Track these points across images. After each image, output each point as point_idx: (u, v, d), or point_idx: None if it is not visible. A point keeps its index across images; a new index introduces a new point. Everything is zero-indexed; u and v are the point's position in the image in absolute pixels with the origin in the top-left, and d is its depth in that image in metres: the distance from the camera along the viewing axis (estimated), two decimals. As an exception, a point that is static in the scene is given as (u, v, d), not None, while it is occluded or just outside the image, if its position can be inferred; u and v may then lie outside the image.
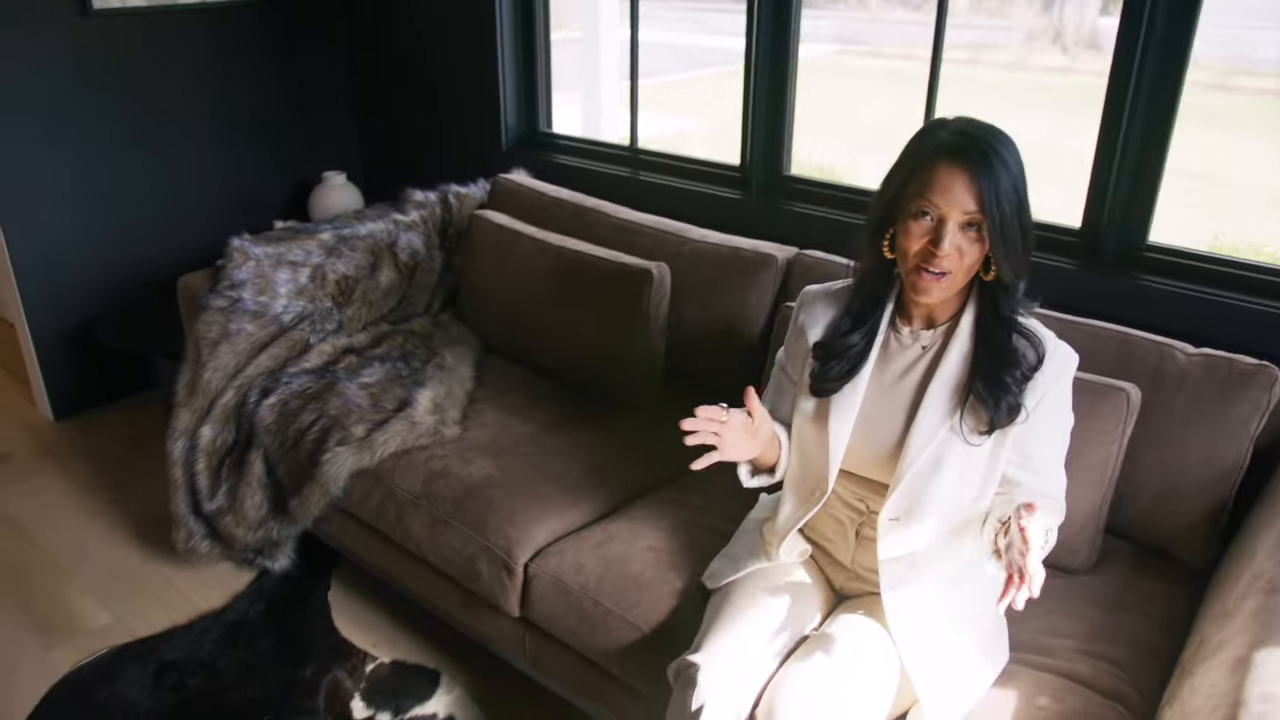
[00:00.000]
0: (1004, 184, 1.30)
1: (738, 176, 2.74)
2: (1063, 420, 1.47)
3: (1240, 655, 1.24)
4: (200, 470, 2.34)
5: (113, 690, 2.13)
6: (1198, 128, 6.70)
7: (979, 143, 1.31)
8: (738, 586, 1.56)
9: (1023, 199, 1.33)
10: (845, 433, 1.48)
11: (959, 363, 1.43)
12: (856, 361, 1.48)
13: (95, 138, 3.05)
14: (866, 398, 1.48)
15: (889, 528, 1.46)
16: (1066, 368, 1.44)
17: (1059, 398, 1.44)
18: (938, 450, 1.42)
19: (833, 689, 1.35)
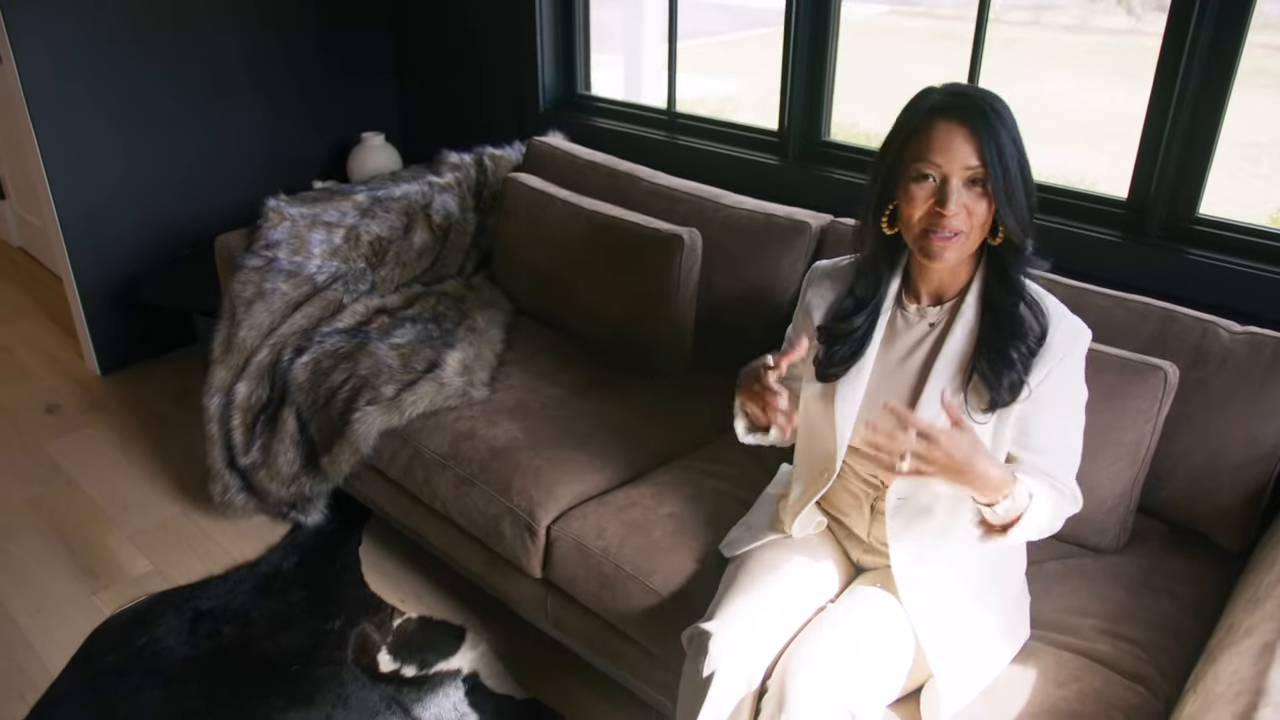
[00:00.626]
0: (1004, 138, 1.27)
1: (776, 142, 2.69)
2: (1070, 398, 1.41)
3: (1267, 642, 1.21)
4: (236, 426, 2.39)
5: (151, 636, 2.20)
6: (1266, 95, 6.44)
7: (973, 100, 1.29)
8: (754, 556, 1.56)
9: (1023, 155, 1.30)
10: (851, 414, 1.45)
11: (964, 338, 1.39)
12: (860, 345, 1.45)
13: (143, 98, 3.09)
14: (873, 377, 1.45)
15: (897, 507, 1.44)
16: (1076, 343, 1.38)
17: (1065, 374, 1.37)
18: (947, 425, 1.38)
19: (846, 662, 1.35)
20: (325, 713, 1.99)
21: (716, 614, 1.44)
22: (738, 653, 1.38)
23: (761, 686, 1.39)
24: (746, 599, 1.45)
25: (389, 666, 2.11)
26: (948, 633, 1.40)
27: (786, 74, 2.59)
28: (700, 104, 6.45)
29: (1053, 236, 2.19)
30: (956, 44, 2.25)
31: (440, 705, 2.00)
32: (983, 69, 2.29)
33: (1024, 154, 1.31)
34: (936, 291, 1.44)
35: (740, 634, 1.40)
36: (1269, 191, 5.47)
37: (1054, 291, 1.86)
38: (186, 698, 2.03)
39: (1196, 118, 2.02)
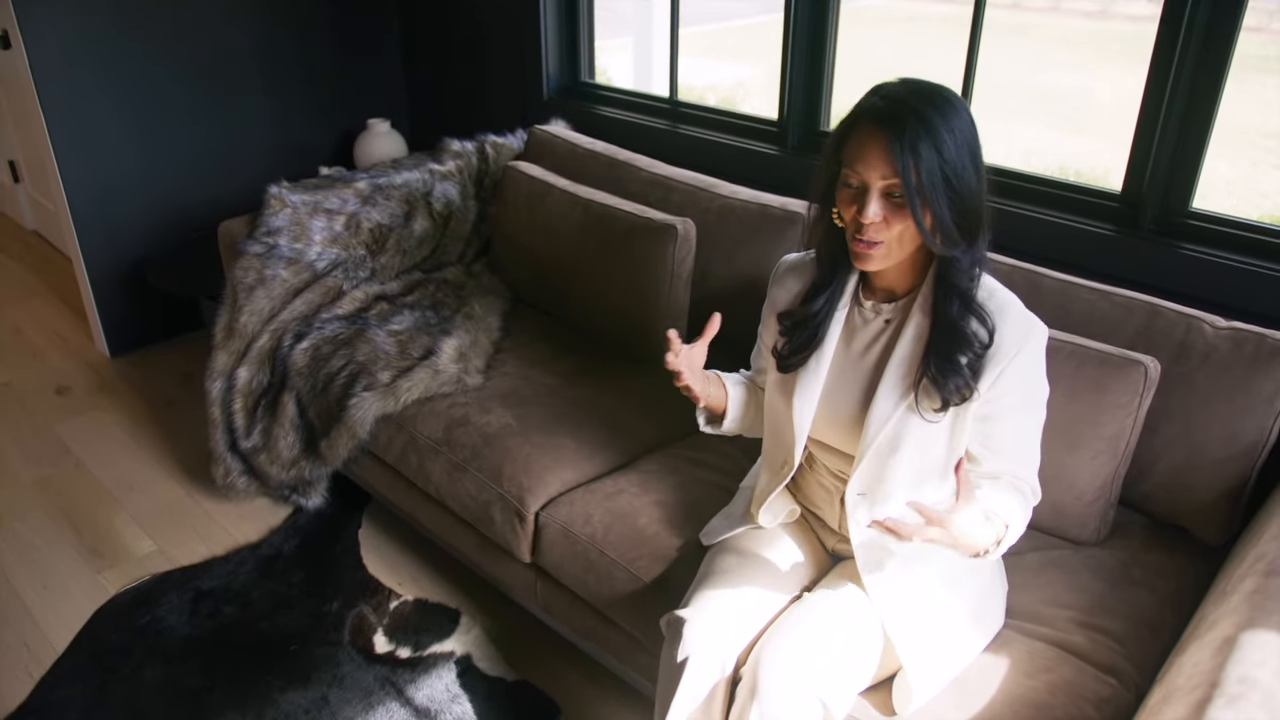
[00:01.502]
0: (923, 150, 1.22)
1: (775, 131, 2.70)
2: (1027, 395, 1.40)
3: (1228, 636, 1.23)
4: (237, 410, 2.43)
5: (154, 615, 2.25)
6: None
7: (902, 107, 1.24)
8: (730, 545, 1.59)
9: (954, 166, 1.24)
10: (809, 409, 1.47)
11: (914, 340, 1.39)
12: (816, 335, 1.46)
13: (151, 85, 3.13)
14: (831, 371, 1.47)
15: (856, 502, 1.46)
16: (1029, 341, 1.35)
17: (1020, 372, 1.36)
18: (897, 427, 1.40)
19: (818, 651, 1.37)
20: (321, 692, 2.03)
21: (692, 601, 1.47)
22: (711, 639, 1.41)
23: (735, 673, 1.42)
24: (721, 587, 1.48)
25: (384, 648, 2.16)
26: (915, 623, 1.42)
27: (786, 64, 2.60)
28: (712, 90, 6.45)
29: (1047, 229, 2.20)
30: (987, 31, 2.24)
31: (433, 686, 2.05)
32: (980, 56, 2.27)
33: (962, 163, 1.25)
34: (888, 289, 1.44)
35: (714, 621, 1.43)
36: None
37: (1041, 284, 1.89)
38: (187, 676, 2.08)
39: (1190, 113, 2.01)
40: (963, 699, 1.42)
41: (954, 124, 1.25)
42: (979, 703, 1.41)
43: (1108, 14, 8.63)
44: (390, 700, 2.01)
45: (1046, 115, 6.50)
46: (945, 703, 1.41)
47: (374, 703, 2.00)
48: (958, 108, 1.27)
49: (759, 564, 1.52)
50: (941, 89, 1.29)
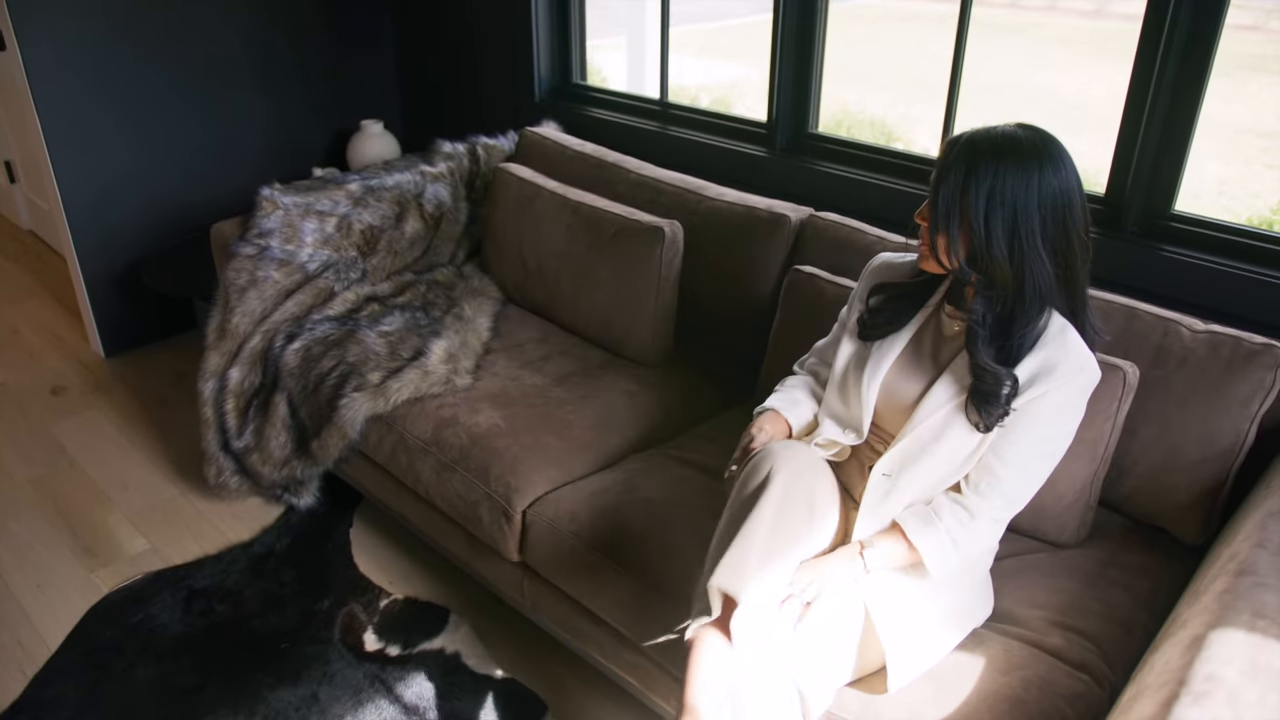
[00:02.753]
0: (951, 179, 1.36)
1: (764, 133, 2.72)
2: (1054, 427, 1.46)
3: (1197, 634, 1.24)
4: (229, 410, 2.45)
5: (146, 613, 2.27)
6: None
7: (966, 139, 1.38)
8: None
9: (976, 211, 1.35)
10: (877, 383, 1.56)
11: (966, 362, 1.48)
12: (900, 315, 1.57)
13: (146, 86, 3.15)
14: (901, 357, 1.56)
15: (879, 482, 1.52)
16: (1078, 377, 1.43)
17: (1058, 400, 1.43)
18: (944, 420, 1.47)
19: (798, 642, 1.40)
20: (311, 690, 2.06)
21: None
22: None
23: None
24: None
25: (374, 646, 2.18)
26: (899, 611, 1.45)
27: (774, 67, 2.62)
28: (706, 90, 6.46)
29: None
30: (978, 27, 2.26)
31: (422, 684, 2.07)
32: (966, 55, 2.29)
33: (991, 213, 1.35)
34: (966, 299, 1.51)
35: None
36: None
37: (1108, 312, 1.91)
38: (179, 674, 2.10)
39: (1172, 115, 2.03)
40: (940, 695, 1.44)
41: (1004, 180, 1.34)
42: (956, 699, 1.43)
43: (1103, 13, 8.64)
44: (379, 697, 2.03)
45: (1044, 115, 6.52)
46: (923, 698, 1.44)
47: (363, 700, 2.02)
48: (1027, 168, 1.35)
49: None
50: (1031, 146, 1.36)
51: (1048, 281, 1.39)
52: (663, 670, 1.74)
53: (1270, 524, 1.39)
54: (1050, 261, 1.38)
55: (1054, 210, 1.36)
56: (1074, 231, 1.39)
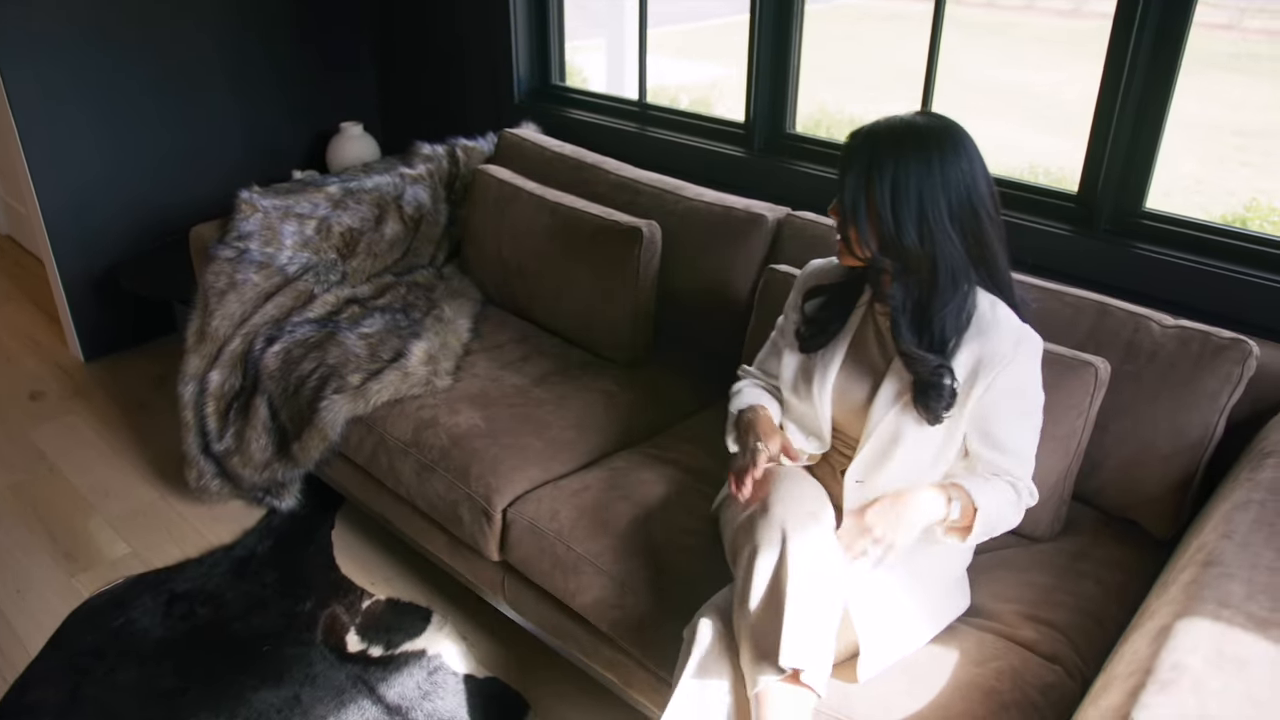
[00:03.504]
0: (855, 170, 1.40)
1: (741, 134, 2.74)
2: (1022, 401, 1.50)
3: (1164, 624, 1.27)
4: (209, 413, 2.45)
5: (128, 617, 2.26)
6: (1259, 81, 6.46)
7: (871, 136, 1.41)
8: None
9: (882, 200, 1.38)
10: (828, 390, 1.58)
11: None
12: (835, 319, 1.58)
13: (122, 89, 3.14)
14: (847, 359, 1.58)
15: (853, 488, 1.55)
16: (1020, 348, 1.46)
17: (1013, 379, 1.46)
18: (896, 422, 1.50)
19: None
20: (294, 691, 2.06)
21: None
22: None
23: None
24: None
25: (356, 647, 2.18)
26: (875, 603, 1.47)
27: (752, 68, 2.64)
28: (686, 91, 6.48)
29: (1006, 230, 2.24)
30: (953, 26, 2.29)
31: (404, 684, 2.07)
32: (940, 54, 2.31)
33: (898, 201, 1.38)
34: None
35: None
36: (1254, 180, 5.50)
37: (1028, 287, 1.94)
38: (161, 677, 2.10)
39: (1142, 114, 2.06)
40: (914, 686, 1.46)
41: (906, 169, 1.37)
42: (930, 690, 1.45)
43: (1080, 12, 8.72)
44: (362, 698, 2.03)
45: (1021, 113, 6.56)
46: (897, 689, 1.46)
47: (346, 701, 2.03)
48: (928, 157, 1.37)
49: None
50: (933, 134, 1.39)
51: (960, 261, 1.41)
52: (643, 667, 1.76)
53: (1236, 515, 1.42)
54: (961, 241, 1.41)
55: (959, 193, 1.39)
56: (982, 211, 1.41)
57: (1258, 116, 6.00)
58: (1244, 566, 1.29)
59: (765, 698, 1.35)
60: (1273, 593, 1.23)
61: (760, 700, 1.36)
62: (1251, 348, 1.71)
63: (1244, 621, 1.19)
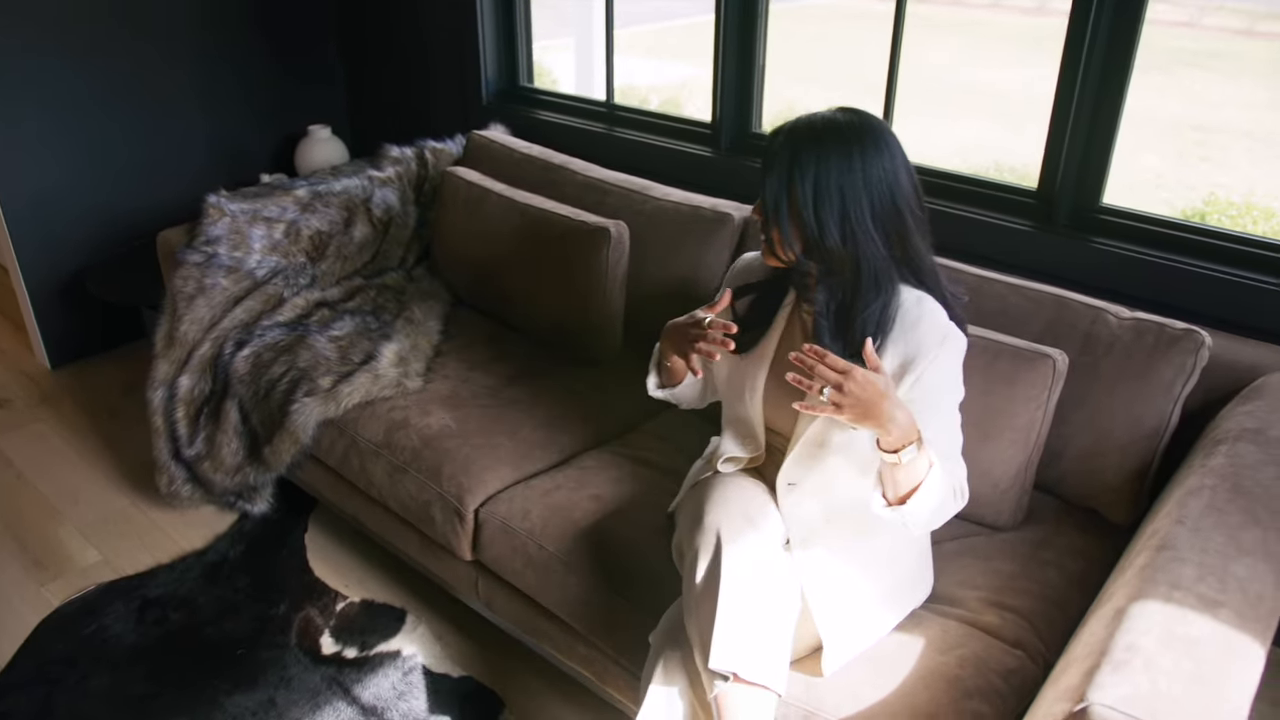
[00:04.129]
0: (777, 171, 1.38)
1: (709, 134, 2.77)
2: (944, 396, 1.49)
3: (1119, 607, 1.30)
4: (179, 418, 2.44)
5: (99, 624, 2.25)
6: (1221, 78, 6.58)
7: (790, 135, 1.40)
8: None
9: (803, 200, 1.37)
10: (759, 391, 1.59)
11: None
12: (763, 323, 1.58)
13: (84, 92, 3.12)
14: (776, 360, 1.57)
15: (786, 491, 1.55)
16: (944, 346, 1.44)
17: (937, 375, 1.45)
18: (825, 423, 1.49)
19: None
20: (268, 695, 2.06)
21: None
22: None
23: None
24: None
25: (331, 649, 2.19)
26: (835, 597, 1.50)
27: (718, 68, 2.67)
28: (656, 91, 6.50)
29: (969, 226, 2.29)
30: (920, 25, 2.33)
31: (379, 685, 2.08)
32: (903, 53, 2.34)
33: (819, 200, 1.37)
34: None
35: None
36: (1213, 174, 5.61)
37: (957, 279, 1.97)
38: (134, 683, 2.10)
39: (1098, 110, 2.11)
40: (878, 676, 1.49)
41: (827, 168, 1.36)
42: (894, 678, 1.48)
43: (1044, 10, 8.83)
44: (337, 700, 2.04)
45: (987, 111, 6.65)
46: (862, 679, 1.48)
47: (321, 703, 2.03)
48: (849, 154, 1.37)
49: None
50: (852, 130, 1.38)
51: (884, 262, 1.41)
52: (616, 663, 1.78)
53: (1189, 501, 1.46)
54: (884, 243, 1.40)
55: (881, 192, 1.38)
56: (905, 209, 1.41)
57: (1217, 112, 6.12)
58: (1195, 550, 1.33)
59: (723, 701, 1.37)
60: (1221, 574, 1.27)
61: (719, 703, 1.37)
62: (1204, 338, 1.76)
63: (1194, 602, 1.23)
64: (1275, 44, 7.14)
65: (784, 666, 1.42)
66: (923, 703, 1.44)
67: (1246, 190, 5.05)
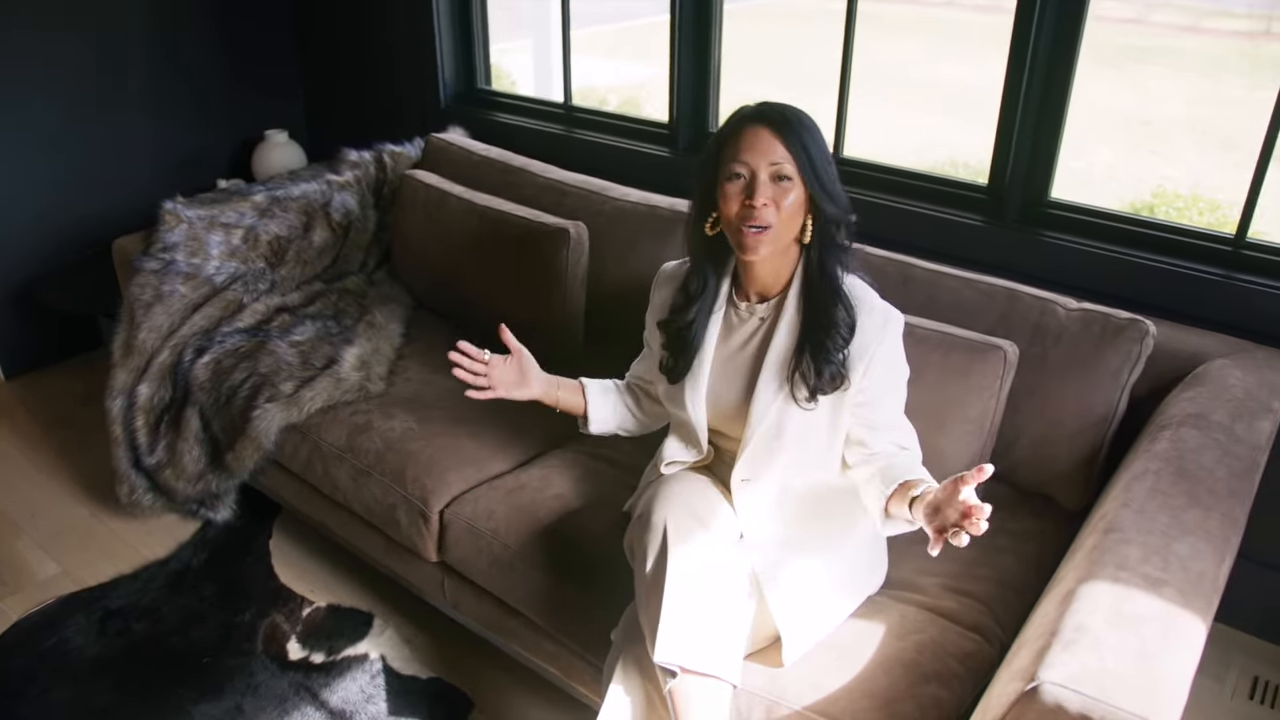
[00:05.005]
0: (806, 138, 1.44)
1: (666, 134, 2.79)
2: (896, 375, 1.56)
3: (1069, 589, 1.34)
4: (139, 427, 2.42)
5: (60, 637, 2.23)
6: (1168, 73, 6.72)
7: (777, 108, 1.47)
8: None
9: (827, 157, 1.46)
10: (702, 406, 1.61)
11: (788, 333, 1.53)
12: (694, 341, 1.59)
13: (29, 96, 3.06)
14: (714, 369, 1.60)
15: (740, 488, 1.58)
16: (888, 329, 1.51)
17: (885, 359, 1.51)
18: (778, 416, 1.53)
19: None
20: (235, 702, 2.05)
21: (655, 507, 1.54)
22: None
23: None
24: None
25: (298, 654, 2.18)
26: (791, 589, 1.53)
27: (674, 69, 2.70)
28: (614, 91, 6.51)
29: (922, 222, 2.34)
30: (875, 23, 2.37)
31: (348, 689, 2.08)
32: (855, 47, 2.39)
33: (828, 157, 1.47)
34: (761, 290, 1.57)
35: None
36: (1161, 167, 5.73)
37: (912, 274, 2.01)
38: (97, 695, 2.08)
39: (1044, 107, 2.16)
40: (839, 663, 1.52)
41: (814, 129, 1.47)
42: (855, 665, 1.52)
43: (998, 8, 8.98)
44: (305, 704, 2.04)
45: (942, 107, 6.74)
46: (823, 667, 1.52)
47: (289, 708, 2.03)
48: (812, 120, 1.48)
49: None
50: (792, 105, 1.49)
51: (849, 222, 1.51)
52: (582, 659, 1.80)
53: (1134, 485, 1.50)
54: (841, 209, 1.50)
55: (831, 162, 1.48)
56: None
57: (1164, 106, 6.25)
58: (1140, 532, 1.37)
59: (677, 693, 1.40)
60: (1165, 554, 1.32)
61: (674, 696, 1.40)
62: (1148, 327, 1.81)
63: (1139, 582, 1.27)
64: (1218, 40, 7.32)
65: (736, 657, 1.45)
66: (882, 688, 1.47)
67: (1193, 183, 5.17)
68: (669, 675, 1.40)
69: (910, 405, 1.72)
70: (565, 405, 1.77)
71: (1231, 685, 2.11)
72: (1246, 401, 1.69)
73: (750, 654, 1.55)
